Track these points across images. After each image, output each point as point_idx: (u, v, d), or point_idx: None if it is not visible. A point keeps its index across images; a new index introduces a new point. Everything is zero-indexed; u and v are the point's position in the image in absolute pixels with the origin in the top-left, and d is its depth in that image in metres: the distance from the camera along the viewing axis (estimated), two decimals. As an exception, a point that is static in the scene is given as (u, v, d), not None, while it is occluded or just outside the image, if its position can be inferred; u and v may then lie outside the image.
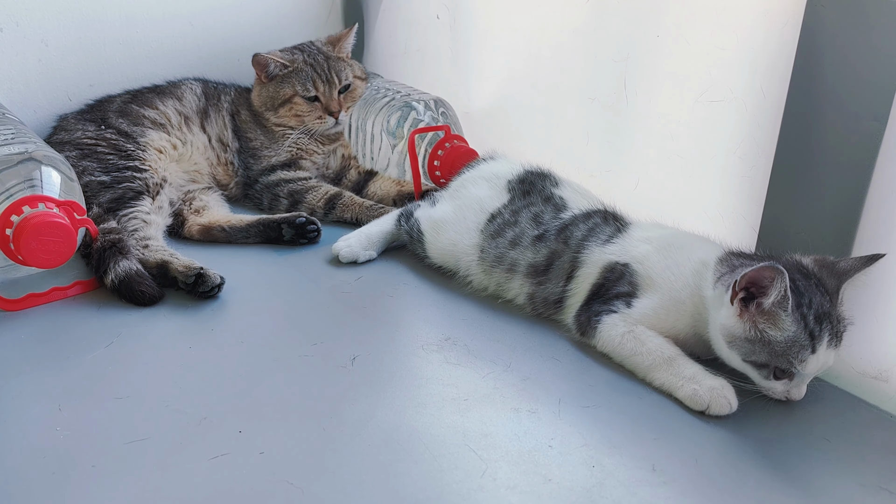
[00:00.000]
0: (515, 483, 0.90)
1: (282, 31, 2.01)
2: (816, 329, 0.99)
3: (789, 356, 0.99)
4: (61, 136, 1.59)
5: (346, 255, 1.43)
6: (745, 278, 0.99)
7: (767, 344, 1.00)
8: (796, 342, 0.99)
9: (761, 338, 1.00)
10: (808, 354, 0.99)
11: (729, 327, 1.03)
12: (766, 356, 1.00)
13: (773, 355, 1.00)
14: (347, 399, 1.05)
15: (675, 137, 1.37)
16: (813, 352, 0.99)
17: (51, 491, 0.87)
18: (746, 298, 1.01)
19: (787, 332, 0.99)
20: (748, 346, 1.01)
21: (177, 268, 1.32)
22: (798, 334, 0.99)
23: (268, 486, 0.88)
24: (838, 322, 1.02)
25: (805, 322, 0.99)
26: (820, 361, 1.00)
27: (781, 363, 1.00)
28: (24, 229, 1.19)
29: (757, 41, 1.20)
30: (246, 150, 1.73)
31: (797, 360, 0.99)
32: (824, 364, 1.01)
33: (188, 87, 1.75)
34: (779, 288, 0.98)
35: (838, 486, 0.92)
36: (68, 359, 1.14)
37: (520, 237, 1.28)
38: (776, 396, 1.03)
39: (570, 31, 1.54)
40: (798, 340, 0.99)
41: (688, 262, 1.13)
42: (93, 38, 1.77)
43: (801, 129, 1.14)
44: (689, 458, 0.95)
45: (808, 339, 0.99)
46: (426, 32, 1.92)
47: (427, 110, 1.74)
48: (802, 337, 0.99)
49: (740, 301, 1.01)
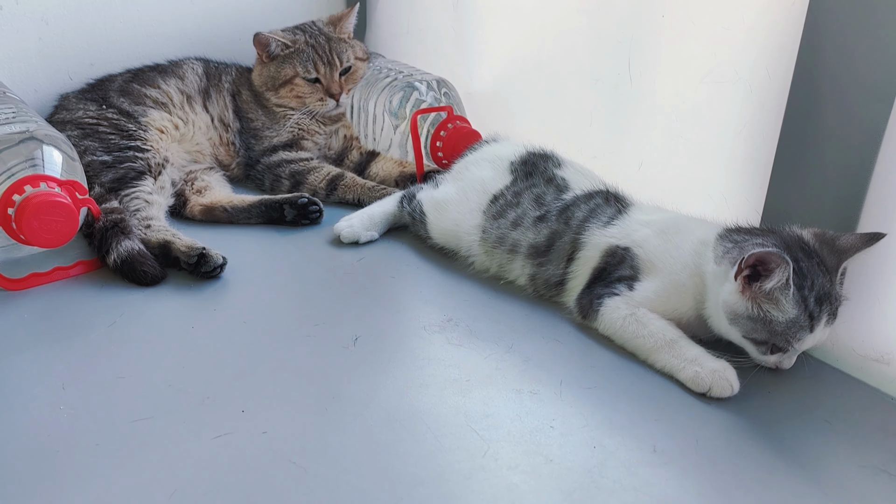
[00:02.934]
0: (517, 463, 0.90)
1: (283, 10, 1.99)
2: (816, 310, 1.00)
3: (788, 336, 1.01)
4: (62, 115, 1.58)
5: (347, 235, 1.43)
6: (754, 257, 1.00)
7: (769, 323, 1.01)
8: (796, 323, 1.00)
9: (763, 317, 1.01)
10: (806, 334, 1.01)
11: (731, 304, 1.03)
12: (765, 334, 1.02)
13: (772, 334, 1.02)
14: (349, 379, 1.05)
15: (679, 119, 1.36)
16: (811, 331, 1.01)
17: (55, 469, 0.88)
18: (751, 277, 1.01)
19: (788, 314, 1.00)
20: (749, 325, 1.02)
21: (179, 248, 1.32)
22: (799, 316, 1.00)
23: (270, 465, 0.89)
24: (836, 300, 1.03)
25: (806, 304, 1.00)
26: (816, 338, 1.03)
27: (779, 341, 1.02)
28: (26, 209, 1.19)
29: (763, 22, 1.19)
30: (247, 131, 1.72)
31: (795, 339, 1.01)
32: (819, 340, 1.04)
33: (189, 67, 1.75)
34: (781, 276, 0.98)
35: (838, 468, 0.92)
36: (71, 338, 1.14)
37: (521, 218, 1.28)
38: (767, 365, 1.06)
39: (574, 11, 1.53)
40: (798, 322, 1.00)
41: (687, 244, 1.13)
42: (93, 16, 1.76)
43: (806, 110, 1.14)
44: (690, 439, 0.95)
45: (807, 320, 1.00)
46: (429, 12, 1.91)
47: (429, 91, 1.73)
48: (802, 318, 1.00)
49: (744, 278, 1.01)
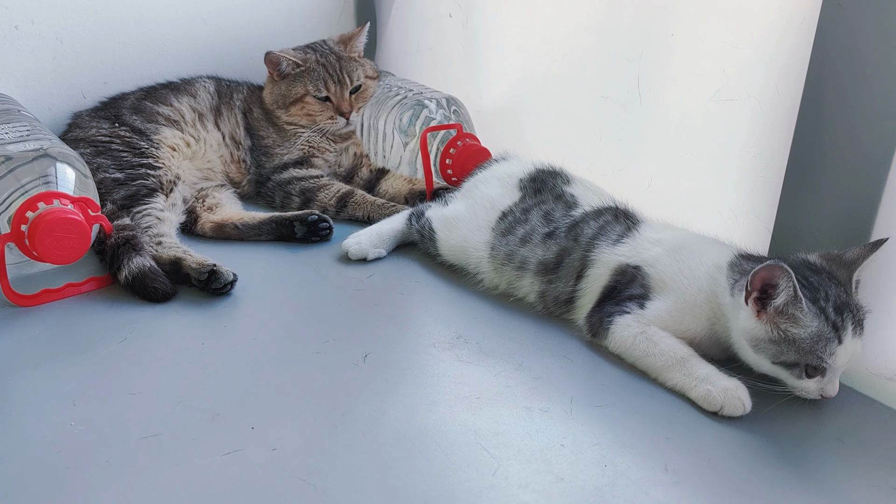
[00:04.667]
0: (527, 482, 0.90)
1: (294, 29, 2.01)
2: (839, 320, 0.99)
3: (817, 351, 0.98)
4: (76, 133, 1.60)
5: (355, 252, 1.44)
6: (756, 279, 0.99)
7: (793, 343, 0.99)
8: (822, 336, 0.98)
9: (785, 337, 0.99)
10: (836, 346, 0.98)
11: (750, 330, 1.02)
12: (794, 355, 1.00)
13: (801, 353, 0.99)
14: (359, 396, 1.05)
15: (688, 136, 1.36)
16: (840, 342, 0.98)
17: (65, 485, 0.88)
18: (763, 300, 1.00)
19: (810, 328, 0.98)
20: (775, 348, 1.01)
21: (190, 264, 1.32)
22: (821, 328, 0.98)
23: (280, 483, 0.89)
24: (858, 310, 1.01)
25: (825, 315, 0.99)
26: (849, 352, 0.99)
27: (811, 360, 0.99)
28: (39, 226, 1.20)
29: (772, 40, 1.20)
30: (258, 148, 1.73)
31: (827, 354, 0.98)
32: (853, 354, 1.00)
33: (201, 85, 1.76)
34: (786, 285, 0.98)
35: (851, 487, 0.91)
36: (82, 354, 1.14)
37: (530, 235, 1.28)
38: (811, 396, 1.02)
39: (583, 29, 1.53)
40: (823, 334, 0.98)
41: (701, 266, 1.12)
42: (107, 35, 1.78)
43: (817, 128, 1.14)
44: (702, 458, 0.94)
45: (832, 331, 0.98)
46: (438, 31, 1.92)
47: (439, 108, 1.74)
48: (826, 330, 0.98)
49: (756, 302, 1.01)
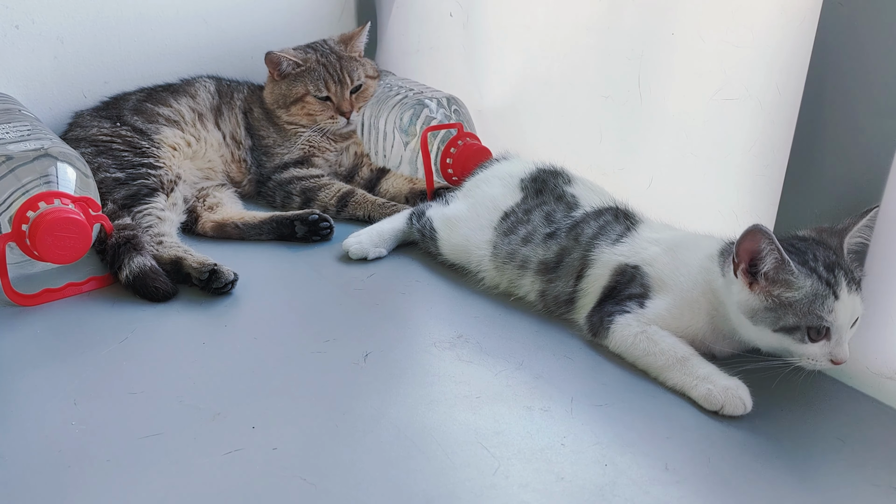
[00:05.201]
0: (528, 481, 0.90)
1: (295, 29, 2.01)
2: (830, 277, 0.99)
3: (815, 310, 0.99)
4: (77, 132, 1.60)
5: (355, 251, 1.44)
6: (741, 248, 1.01)
7: (790, 306, 1.00)
8: (816, 294, 0.99)
9: (781, 302, 1.00)
10: (833, 302, 0.99)
11: (745, 303, 1.03)
12: (793, 318, 1.00)
13: (799, 315, 0.99)
14: (360, 395, 1.05)
15: (689, 136, 1.36)
16: (837, 298, 0.99)
17: (66, 485, 0.88)
18: (753, 272, 1.02)
19: (803, 288, 0.99)
20: (772, 315, 1.01)
21: (191, 264, 1.32)
22: (815, 286, 0.99)
23: (281, 482, 0.89)
24: (850, 270, 1.02)
25: (817, 274, 1.00)
26: (848, 308, 0.99)
27: (811, 320, 0.99)
28: (40, 225, 1.20)
29: (773, 39, 1.20)
30: (259, 148, 1.73)
31: (825, 311, 0.99)
32: (853, 312, 1.00)
33: (202, 85, 1.76)
34: (769, 248, 0.99)
35: (852, 487, 0.91)
36: (83, 354, 1.15)
37: (532, 234, 1.28)
38: (821, 364, 1.01)
39: (584, 29, 1.53)
40: (817, 292, 0.99)
41: (694, 260, 1.13)
42: (108, 35, 1.78)
43: (817, 127, 1.13)
44: (702, 458, 0.94)
45: (826, 288, 0.99)
46: (439, 30, 1.92)
47: (440, 108, 1.74)
48: (820, 287, 0.99)
49: (746, 274, 1.02)
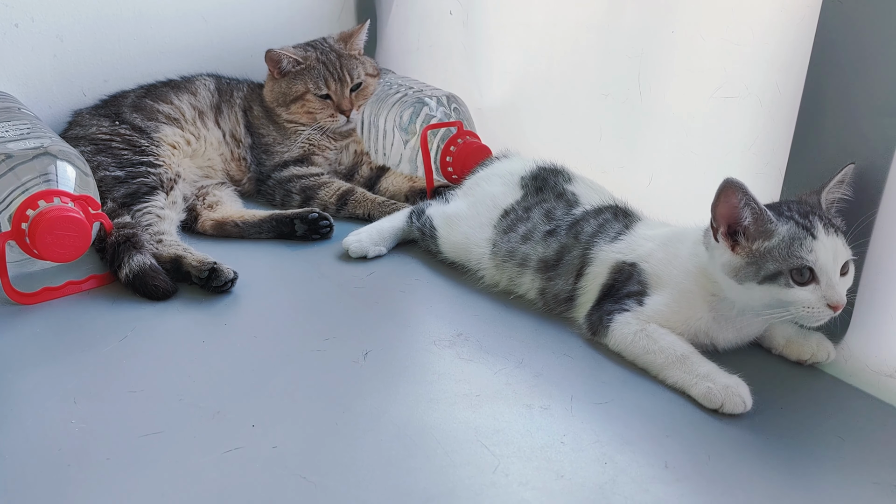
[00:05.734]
0: (528, 479, 0.90)
1: (295, 27, 2.01)
2: (806, 221, 1.02)
3: (794, 251, 1.01)
4: (76, 131, 1.60)
5: (355, 250, 1.44)
6: (717, 209, 1.04)
7: (769, 253, 1.02)
8: (794, 237, 1.01)
9: (762, 253, 1.02)
10: (811, 242, 1.01)
11: (729, 263, 1.05)
12: (773, 264, 1.02)
13: (779, 260, 1.01)
14: (360, 394, 1.05)
15: (689, 133, 1.36)
16: (814, 238, 1.01)
17: (66, 483, 0.88)
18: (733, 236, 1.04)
19: (780, 234, 1.02)
20: (754, 267, 1.03)
21: (190, 262, 1.32)
22: (791, 230, 1.02)
23: (281, 480, 0.89)
24: (828, 217, 1.04)
25: (793, 220, 1.02)
26: (829, 249, 1.01)
27: (792, 262, 1.01)
28: (40, 223, 1.20)
29: (773, 37, 1.20)
30: (258, 146, 1.73)
31: (805, 251, 1.00)
32: (836, 253, 1.01)
33: (202, 83, 1.76)
34: (744, 200, 1.01)
35: (852, 485, 0.91)
36: (83, 352, 1.15)
37: (532, 232, 1.28)
38: (816, 310, 1.00)
39: (584, 27, 1.53)
40: (794, 234, 1.01)
41: (684, 250, 1.14)
42: (107, 33, 1.78)
43: (817, 125, 1.14)
44: (702, 456, 0.94)
45: (802, 230, 1.01)
46: (439, 28, 1.92)
47: (439, 106, 1.74)
48: (796, 230, 1.01)
49: (726, 236, 1.04)
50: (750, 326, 1.12)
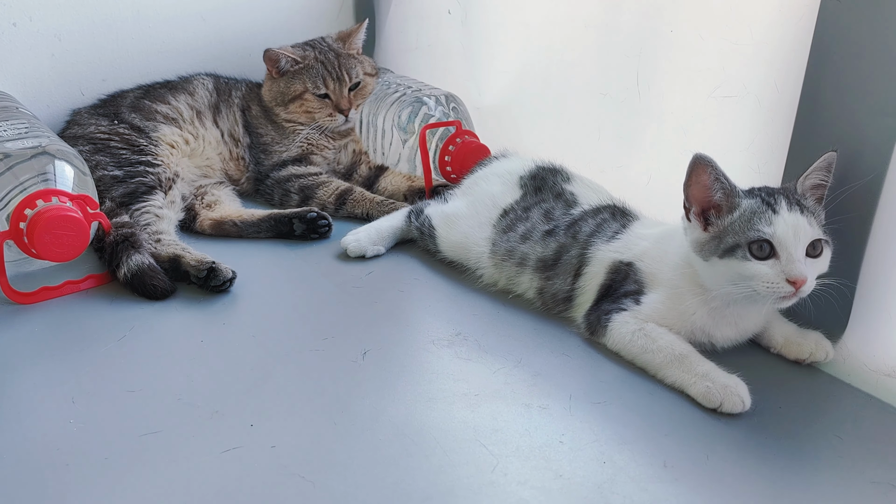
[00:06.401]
0: (526, 478, 0.90)
1: (293, 26, 2.01)
2: (771, 199, 1.03)
3: (753, 224, 1.02)
4: (74, 130, 1.60)
5: (353, 249, 1.44)
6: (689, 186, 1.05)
7: (731, 227, 1.04)
8: (754, 211, 1.03)
9: (724, 227, 1.04)
10: (771, 215, 1.02)
11: (696, 240, 1.07)
12: (732, 237, 1.03)
13: (738, 233, 1.03)
14: (358, 393, 1.05)
15: (687, 133, 1.36)
16: (775, 213, 1.02)
17: (64, 483, 0.88)
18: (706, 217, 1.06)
19: (741, 209, 1.04)
20: (716, 242, 1.05)
21: (189, 262, 1.32)
22: (753, 205, 1.03)
23: (279, 480, 0.89)
24: (797, 197, 1.05)
25: (759, 196, 1.04)
26: (789, 223, 1.01)
27: (751, 234, 1.02)
28: (38, 223, 1.20)
29: (772, 36, 1.20)
30: (257, 146, 1.73)
31: (763, 224, 1.01)
32: (797, 228, 1.01)
33: (200, 83, 1.76)
34: (714, 174, 1.03)
35: (850, 484, 0.91)
36: (81, 352, 1.14)
37: (531, 232, 1.28)
38: (780, 286, 1.00)
39: (582, 26, 1.53)
40: (755, 209, 1.03)
41: (674, 245, 1.14)
42: (105, 33, 1.78)
43: (815, 125, 1.14)
44: (701, 455, 0.94)
45: (764, 205, 1.03)
46: (437, 28, 1.92)
47: (438, 105, 1.74)
48: (758, 205, 1.03)
49: (699, 216, 1.06)
50: (746, 321, 1.12)
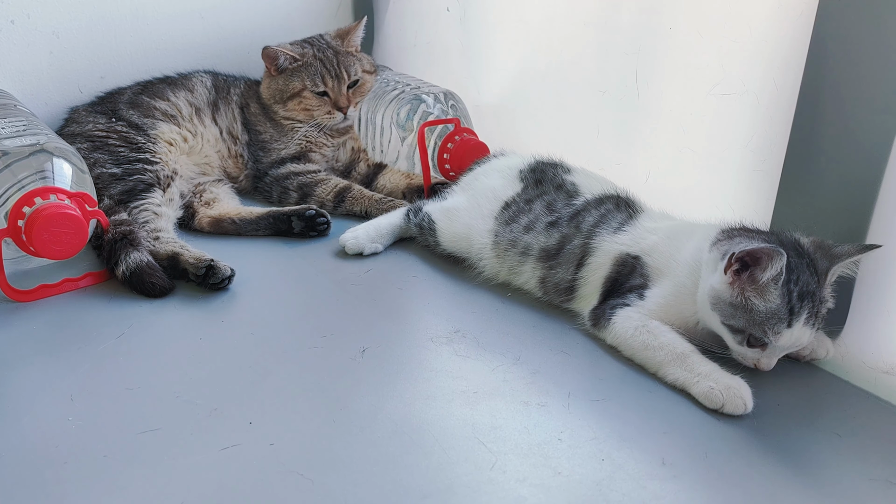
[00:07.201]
0: (525, 476, 0.90)
1: (292, 24, 2.01)
2: (797, 306, 1.01)
3: (765, 326, 1.01)
4: (72, 128, 1.59)
5: (351, 246, 1.44)
6: (745, 252, 1.01)
7: (749, 312, 1.02)
8: (776, 315, 1.01)
9: (745, 305, 1.02)
10: (783, 328, 1.01)
11: (718, 291, 1.05)
12: (743, 322, 1.03)
13: (751, 323, 1.02)
14: (357, 391, 1.05)
15: (686, 130, 1.36)
16: (789, 326, 1.01)
17: (63, 480, 0.88)
18: (740, 270, 1.03)
19: (770, 305, 1.01)
20: (730, 311, 1.04)
21: (187, 259, 1.32)
22: (779, 308, 1.01)
23: (278, 477, 0.89)
24: (820, 302, 1.03)
25: (789, 298, 1.01)
26: (794, 337, 1.02)
27: (757, 332, 1.02)
28: (36, 220, 1.20)
29: (770, 34, 1.20)
30: (256, 143, 1.73)
31: (772, 332, 1.01)
32: (797, 341, 1.03)
33: (199, 80, 1.76)
34: (776, 266, 0.99)
35: (848, 481, 0.91)
36: (80, 349, 1.14)
37: (534, 223, 1.29)
38: (745, 363, 1.06)
39: (581, 24, 1.53)
40: (777, 313, 1.01)
41: (689, 245, 1.14)
42: (104, 30, 1.77)
43: (814, 121, 1.14)
44: (699, 452, 0.94)
45: (787, 314, 1.01)
46: (436, 25, 1.92)
47: (437, 103, 1.73)
48: (782, 311, 1.01)
49: (735, 273, 1.03)
50: None
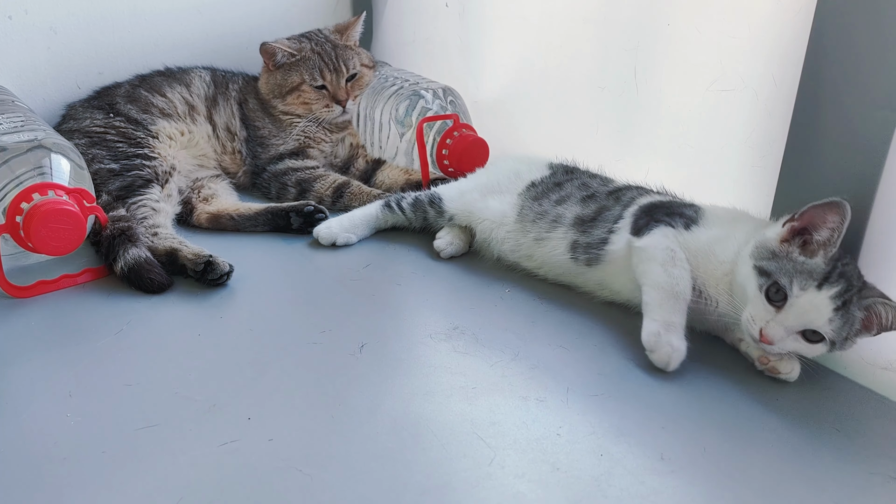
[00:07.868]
0: (523, 471, 0.90)
1: (291, 19, 2.01)
2: (834, 276, 1.01)
3: (794, 276, 1.01)
4: (70, 124, 1.59)
5: (324, 236, 1.47)
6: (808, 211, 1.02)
7: (786, 260, 1.03)
8: (812, 271, 1.01)
9: (787, 255, 1.03)
10: (811, 285, 1.00)
11: (767, 240, 1.06)
12: (775, 266, 1.03)
13: (781, 271, 1.02)
14: (356, 387, 1.05)
15: (685, 127, 1.36)
16: (818, 287, 1.00)
17: (61, 476, 0.88)
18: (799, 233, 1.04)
19: (811, 262, 1.02)
20: (768, 255, 1.04)
21: (186, 255, 1.32)
22: (817, 266, 1.01)
23: (276, 473, 0.89)
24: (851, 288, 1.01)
25: (832, 266, 1.01)
26: (814, 303, 1.00)
27: (783, 278, 1.02)
28: (34, 217, 1.20)
29: (769, 29, 1.20)
30: (254, 139, 1.72)
31: (798, 285, 1.01)
32: (811, 312, 1.00)
33: (197, 75, 1.75)
34: (838, 225, 1.00)
35: (847, 476, 0.91)
36: (78, 346, 1.14)
37: (566, 198, 1.32)
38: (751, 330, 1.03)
39: (580, 20, 1.53)
40: (814, 271, 1.01)
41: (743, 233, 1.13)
42: (102, 25, 1.77)
43: (813, 118, 1.13)
44: (698, 447, 0.95)
45: (821, 275, 1.01)
46: (435, 21, 1.92)
47: (435, 99, 1.73)
48: (818, 271, 1.01)
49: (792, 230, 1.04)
50: None
